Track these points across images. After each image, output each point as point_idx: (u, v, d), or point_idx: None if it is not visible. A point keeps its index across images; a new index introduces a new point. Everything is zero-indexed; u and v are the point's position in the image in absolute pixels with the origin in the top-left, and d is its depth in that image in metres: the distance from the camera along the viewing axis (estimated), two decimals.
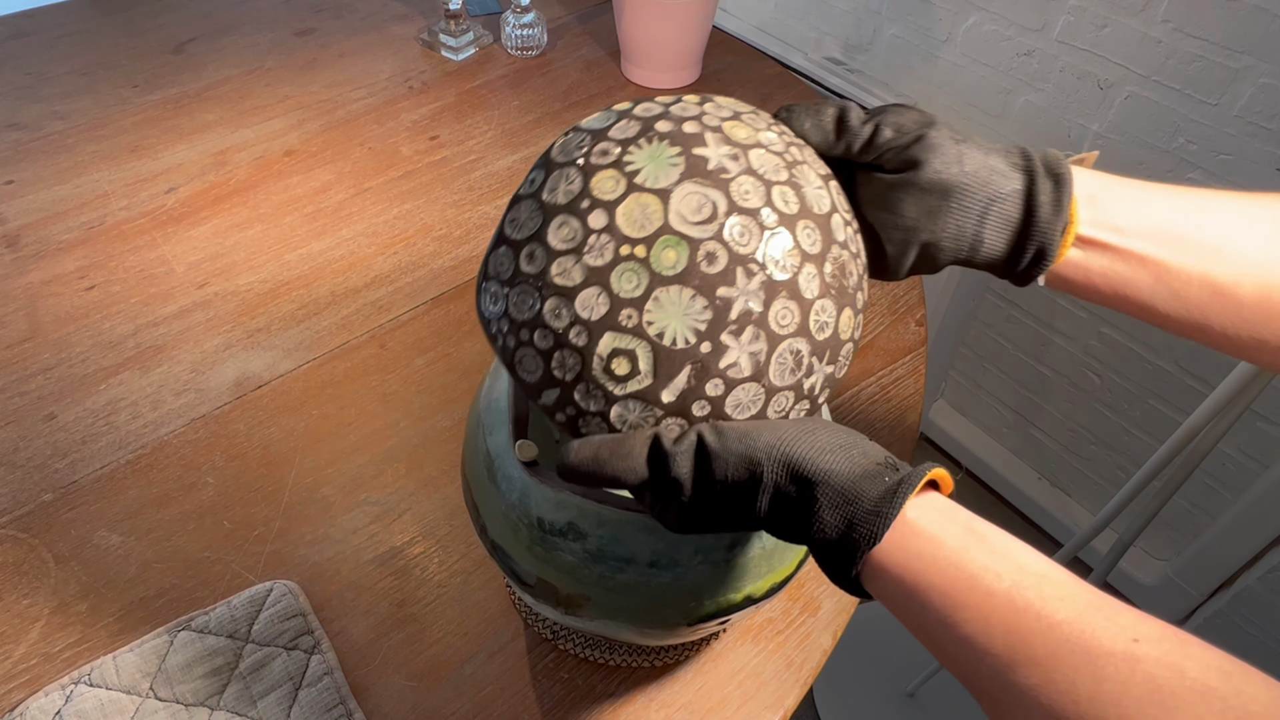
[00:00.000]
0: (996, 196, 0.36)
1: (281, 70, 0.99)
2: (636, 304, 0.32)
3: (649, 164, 0.33)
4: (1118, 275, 0.36)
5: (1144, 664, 0.24)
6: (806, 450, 0.31)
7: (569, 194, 0.33)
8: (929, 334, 0.75)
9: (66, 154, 0.86)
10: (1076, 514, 1.41)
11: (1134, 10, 0.97)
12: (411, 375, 0.68)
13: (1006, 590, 0.27)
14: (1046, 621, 0.26)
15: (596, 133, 0.35)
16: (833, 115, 0.37)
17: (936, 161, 0.36)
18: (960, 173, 0.36)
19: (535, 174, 0.35)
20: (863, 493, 0.30)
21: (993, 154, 0.36)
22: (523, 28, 1.02)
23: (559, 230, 0.33)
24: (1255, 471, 1.12)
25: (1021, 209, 0.36)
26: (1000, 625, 0.27)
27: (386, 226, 0.81)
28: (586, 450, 0.33)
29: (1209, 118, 0.97)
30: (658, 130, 0.34)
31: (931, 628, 0.29)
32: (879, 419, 0.67)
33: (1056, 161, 0.36)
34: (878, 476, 0.31)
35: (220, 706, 0.49)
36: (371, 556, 0.57)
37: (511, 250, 0.34)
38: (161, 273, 0.75)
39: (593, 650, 0.52)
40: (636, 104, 0.36)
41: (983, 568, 0.28)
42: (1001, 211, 0.36)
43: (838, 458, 0.31)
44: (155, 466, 0.61)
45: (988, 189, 0.36)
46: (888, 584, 0.30)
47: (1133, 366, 1.20)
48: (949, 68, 1.20)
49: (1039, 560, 0.29)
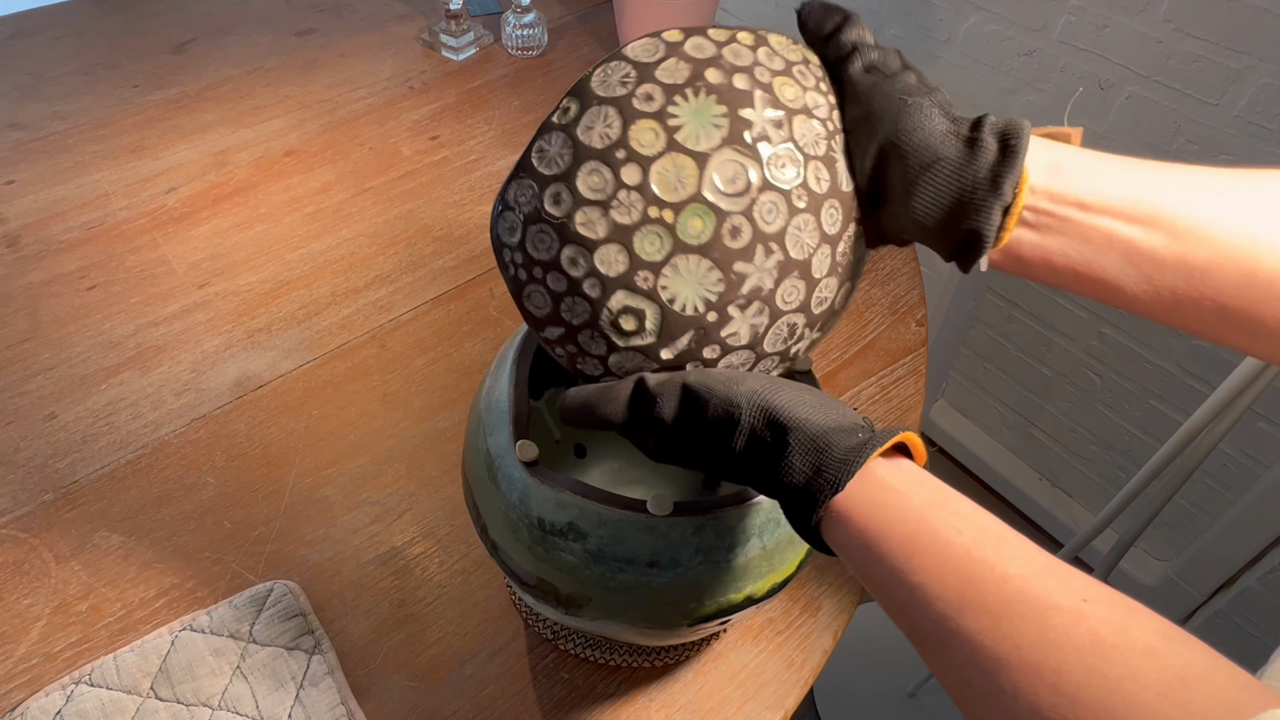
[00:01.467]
0: (930, 163, 0.33)
1: (282, 70, 0.99)
2: (654, 268, 0.32)
3: (692, 120, 0.32)
4: (1080, 256, 0.33)
5: (1089, 620, 0.25)
6: (785, 400, 0.32)
7: (605, 138, 0.32)
8: (929, 334, 0.75)
9: (67, 154, 0.86)
10: (1076, 514, 1.41)
11: (1134, 10, 0.97)
12: (411, 375, 0.68)
13: (965, 544, 0.28)
14: (1000, 573, 0.27)
15: (643, 68, 0.33)
16: (835, 23, 0.36)
17: (872, 113, 0.34)
18: (893, 130, 0.33)
19: (570, 102, 0.33)
20: (833, 443, 0.31)
21: (938, 116, 0.33)
22: (523, 28, 1.02)
23: (589, 177, 0.32)
24: (1255, 471, 1.12)
25: (956, 180, 0.32)
26: (954, 574, 0.28)
27: (387, 226, 0.81)
28: (579, 396, 0.35)
29: (1209, 118, 0.97)
30: (707, 81, 0.32)
31: (885, 575, 0.29)
32: (879, 419, 0.67)
33: (1016, 131, 0.32)
34: (850, 431, 0.31)
35: (221, 706, 0.49)
36: (372, 556, 0.57)
37: (536, 185, 0.33)
38: (162, 273, 0.75)
39: (593, 650, 0.52)
40: (688, 37, 0.33)
41: (944, 523, 0.29)
42: (931, 182, 0.33)
43: (814, 410, 0.32)
44: (155, 466, 0.61)
45: (922, 154, 0.33)
46: (849, 533, 0.30)
47: (1133, 366, 1.20)
48: (949, 68, 1.20)
49: (1001, 526, 0.29)
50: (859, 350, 0.73)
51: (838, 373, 0.71)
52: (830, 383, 0.70)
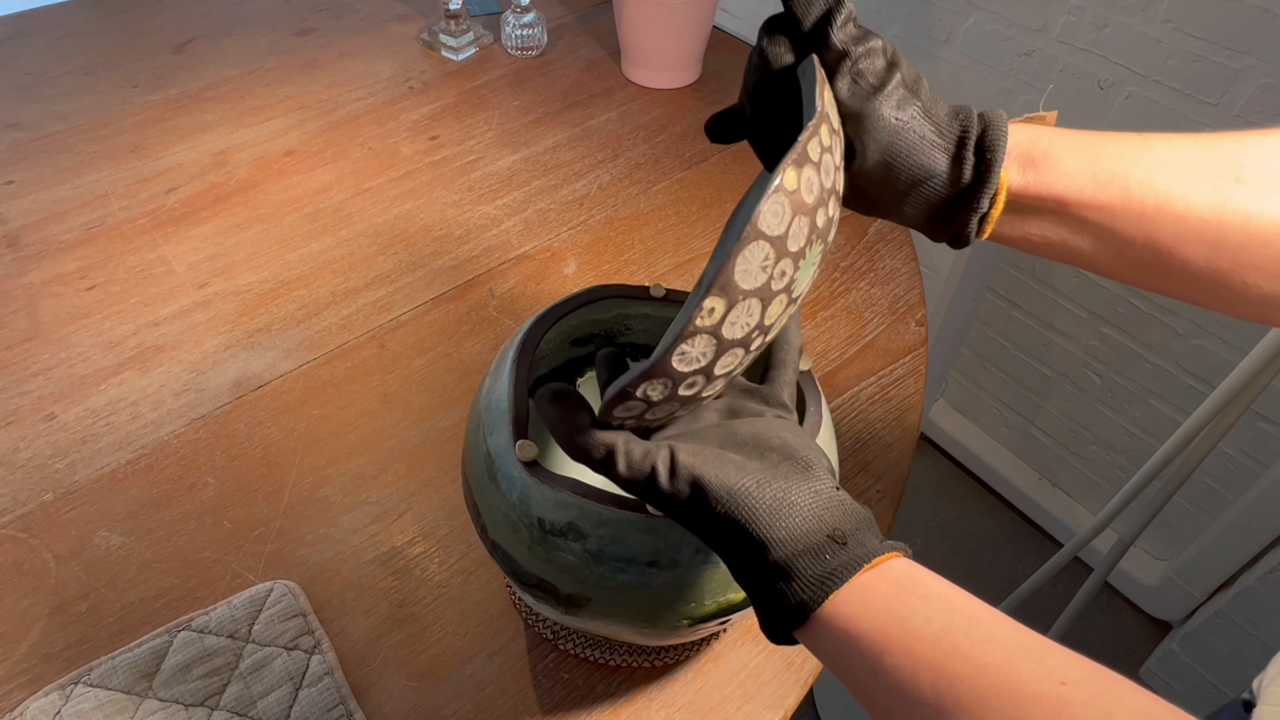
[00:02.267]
0: (921, 179, 0.35)
1: (282, 70, 0.99)
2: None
3: (805, 273, 0.32)
4: (1056, 236, 0.35)
5: (1071, 707, 0.24)
6: (750, 512, 0.31)
7: (745, 326, 0.32)
8: (929, 334, 0.75)
9: (67, 154, 0.86)
10: (1076, 514, 1.41)
11: (1134, 10, 0.97)
12: (411, 375, 0.68)
13: (935, 633, 0.27)
14: (974, 664, 0.26)
15: (777, 243, 0.31)
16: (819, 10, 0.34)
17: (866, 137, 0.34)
18: (889, 153, 0.35)
19: (714, 303, 0.31)
20: (797, 572, 0.30)
21: (929, 133, 0.35)
22: (523, 28, 1.02)
23: (725, 359, 0.32)
24: (1255, 471, 1.12)
25: (944, 192, 0.35)
26: (927, 669, 0.26)
27: (386, 226, 0.81)
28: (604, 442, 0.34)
29: (1209, 118, 0.97)
30: (817, 227, 0.32)
31: (860, 676, 0.28)
32: (879, 419, 0.67)
33: (994, 142, 0.34)
34: (819, 554, 0.30)
35: (220, 707, 0.49)
36: (372, 556, 0.57)
37: (673, 381, 0.33)
38: (162, 273, 0.75)
39: (593, 650, 0.52)
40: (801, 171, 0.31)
41: (913, 611, 0.28)
42: (924, 194, 0.35)
43: (782, 523, 0.30)
44: (155, 466, 0.61)
45: (913, 172, 0.35)
46: (819, 634, 0.30)
47: (1133, 366, 1.20)
48: (949, 68, 1.20)
49: (972, 603, 0.28)
50: (859, 350, 0.73)
51: (837, 372, 0.71)
52: (830, 383, 0.70)
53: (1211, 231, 0.33)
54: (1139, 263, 0.35)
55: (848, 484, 0.63)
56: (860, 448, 0.65)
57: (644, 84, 1.01)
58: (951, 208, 0.35)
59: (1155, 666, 1.28)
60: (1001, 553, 1.44)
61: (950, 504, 1.50)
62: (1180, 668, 1.24)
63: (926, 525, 1.47)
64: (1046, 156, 0.34)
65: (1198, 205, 0.33)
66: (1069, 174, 0.34)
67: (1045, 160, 0.34)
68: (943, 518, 1.48)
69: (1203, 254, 0.33)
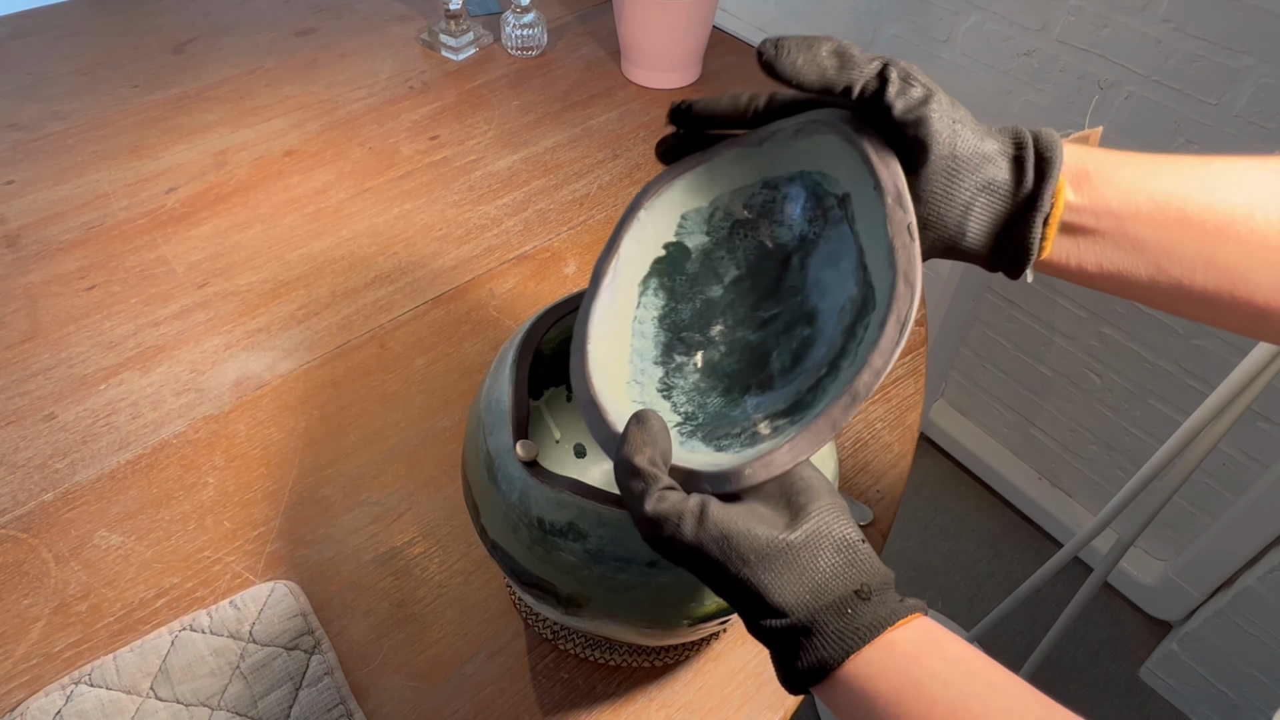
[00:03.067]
0: (984, 186, 0.33)
1: (282, 70, 0.99)
2: None
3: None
4: (1112, 263, 0.33)
5: None
6: (770, 580, 0.30)
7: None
8: (929, 334, 0.75)
9: (67, 154, 0.86)
10: (1076, 514, 1.41)
11: (1134, 10, 0.97)
12: (411, 375, 0.68)
13: (951, 700, 0.27)
14: None
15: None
16: (830, 50, 0.33)
17: (929, 141, 0.33)
18: (951, 157, 0.33)
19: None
20: (819, 625, 0.29)
21: (986, 138, 0.33)
22: (523, 28, 1.02)
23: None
24: (1255, 471, 1.12)
25: (1008, 201, 0.33)
26: None
27: (386, 226, 0.81)
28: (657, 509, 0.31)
29: (1209, 118, 0.97)
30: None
31: None
32: (879, 419, 0.67)
33: (1049, 144, 0.33)
34: (840, 609, 0.29)
35: (220, 706, 0.49)
36: (372, 556, 0.57)
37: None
38: (161, 273, 0.75)
39: (593, 650, 0.52)
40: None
41: (931, 675, 0.27)
42: (987, 203, 0.33)
43: (809, 582, 0.30)
44: (155, 466, 0.61)
45: (975, 177, 0.33)
46: (836, 689, 0.29)
47: (1133, 366, 1.20)
48: (949, 68, 1.20)
49: (992, 669, 0.28)
50: None
51: None
52: None
53: (1277, 259, 0.31)
54: (1200, 293, 0.32)
55: (847, 484, 0.63)
56: (860, 448, 0.65)
57: (644, 84, 1.01)
58: (1014, 218, 0.34)
59: (1155, 666, 1.28)
60: (1001, 553, 1.44)
61: (950, 504, 1.50)
62: (1180, 668, 1.24)
63: (926, 525, 1.47)
64: (1100, 171, 0.33)
65: (1263, 229, 0.31)
66: (1124, 190, 0.32)
67: (1099, 175, 0.33)
68: (943, 518, 1.48)
69: (1269, 282, 0.31)
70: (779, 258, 0.40)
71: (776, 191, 0.39)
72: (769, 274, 0.40)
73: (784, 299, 0.40)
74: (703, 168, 0.39)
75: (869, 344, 0.33)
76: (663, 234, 0.40)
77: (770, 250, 0.40)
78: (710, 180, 0.39)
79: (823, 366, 0.36)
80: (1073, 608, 0.99)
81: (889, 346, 0.32)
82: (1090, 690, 1.29)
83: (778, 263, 0.40)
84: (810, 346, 0.38)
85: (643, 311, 0.40)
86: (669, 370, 0.40)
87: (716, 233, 0.40)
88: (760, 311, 0.40)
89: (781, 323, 0.39)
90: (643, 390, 0.39)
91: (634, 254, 0.40)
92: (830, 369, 0.36)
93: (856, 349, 0.35)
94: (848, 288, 0.37)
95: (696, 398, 0.39)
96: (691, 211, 0.40)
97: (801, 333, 0.38)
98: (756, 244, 0.40)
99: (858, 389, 0.32)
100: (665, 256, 0.40)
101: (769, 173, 0.39)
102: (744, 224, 0.40)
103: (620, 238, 0.39)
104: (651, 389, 0.39)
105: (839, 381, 0.34)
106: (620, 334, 0.40)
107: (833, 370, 0.36)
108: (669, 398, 0.39)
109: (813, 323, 0.38)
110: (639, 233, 0.39)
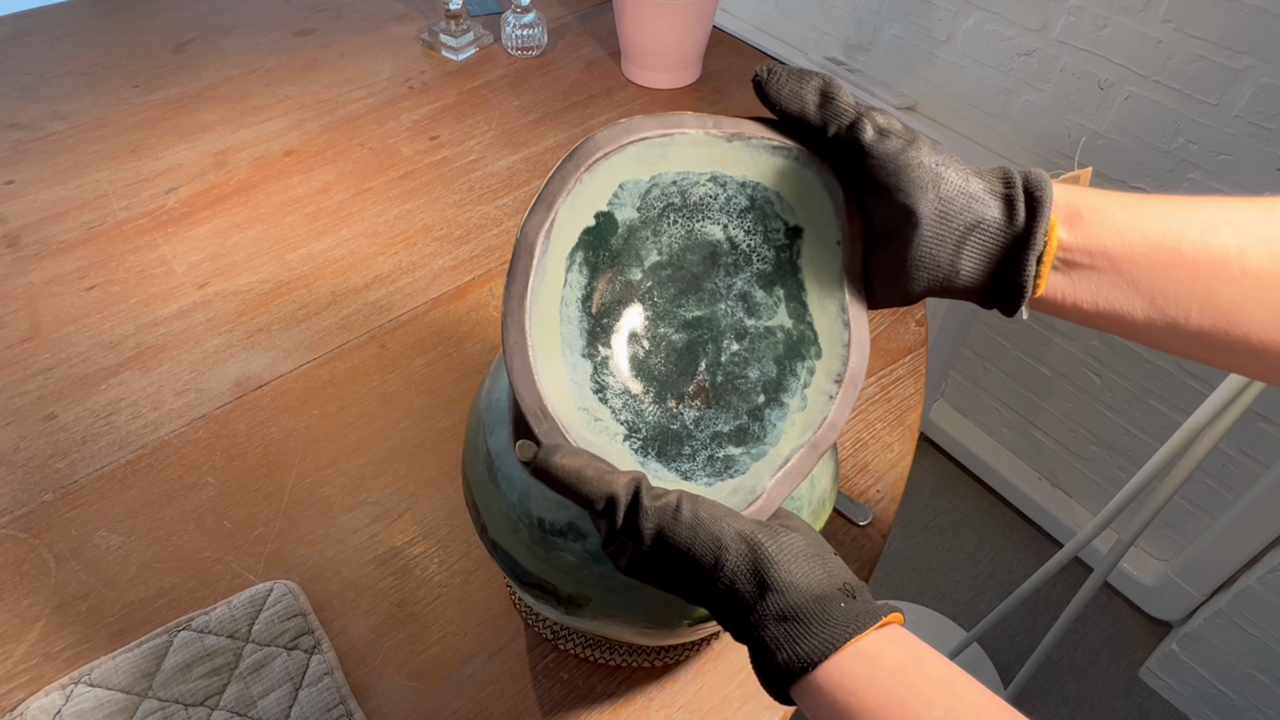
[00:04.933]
0: (974, 225, 0.33)
1: (282, 70, 0.99)
2: None
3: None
4: (1107, 301, 0.33)
5: None
6: (774, 552, 0.31)
7: None
8: (929, 334, 0.75)
9: (67, 154, 0.86)
10: (1076, 514, 1.41)
11: (1134, 10, 0.97)
12: (411, 375, 0.68)
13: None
14: None
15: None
16: (816, 87, 0.34)
17: (911, 184, 0.33)
18: (936, 199, 0.33)
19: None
20: (812, 615, 0.30)
21: (972, 178, 0.34)
22: (523, 28, 1.02)
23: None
24: (1255, 471, 1.12)
25: (1000, 239, 0.34)
26: None
27: (387, 226, 0.81)
28: (571, 462, 0.32)
29: (1209, 118, 0.97)
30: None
31: None
32: (879, 419, 0.67)
33: (1039, 183, 0.33)
34: (832, 601, 0.30)
35: (220, 706, 0.49)
36: (372, 556, 0.57)
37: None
38: (162, 273, 0.75)
39: (593, 650, 0.52)
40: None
41: (916, 694, 0.28)
42: (979, 242, 0.34)
43: (801, 568, 0.31)
44: (155, 466, 0.61)
45: (964, 216, 0.33)
46: (820, 700, 0.29)
47: (1133, 366, 1.20)
48: (949, 68, 1.20)
49: (975, 690, 0.28)
50: None
51: None
52: None
53: (1271, 298, 0.31)
54: (1196, 332, 0.33)
55: (848, 484, 0.63)
56: (860, 448, 0.65)
57: (644, 84, 1.01)
58: (1008, 256, 0.34)
59: (1155, 666, 1.28)
60: (1001, 553, 1.44)
61: (950, 504, 1.50)
62: (1180, 668, 1.24)
63: (926, 525, 1.47)
64: (1093, 211, 0.33)
65: (1255, 269, 0.31)
66: (1117, 229, 0.33)
67: (1092, 214, 0.33)
68: (943, 518, 1.48)
69: (1263, 321, 0.32)
70: (703, 254, 0.38)
71: (723, 190, 0.38)
72: (690, 268, 0.38)
73: (705, 300, 0.38)
74: (659, 140, 0.37)
75: (821, 395, 0.36)
76: (597, 201, 0.37)
77: (695, 244, 0.38)
78: (662, 155, 0.37)
79: (759, 391, 0.37)
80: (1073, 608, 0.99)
81: (845, 409, 0.36)
82: (1090, 690, 1.29)
83: (701, 259, 0.38)
84: (743, 366, 0.38)
85: (568, 291, 0.37)
86: (596, 366, 0.37)
87: (648, 211, 0.38)
88: (682, 309, 0.38)
89: (708, 330, 0.39)
90: (581, 392, 0.36)
91: (566, 220, 0.36)
92: (770, 400, 0.37)
93: (802, 391, 0.37)
94: (780, 316, 0.38)
95: (631, 403, 0.37)
96: (630, 182, 0.37)
97: (730, 347, 0.38)
98: (684, 233, 0.38)
99: (819, 443, 0.36)
100: (594, 227, 0.37)
101: (722, 170, 0.38)
102: (676, 210, 0.38)
103: (557, 201, 0.35)
104: (588, 390, 0.36)
105: (789, 421, 0.36)
106: (549, 319, 0.36)
107: (774, 403, 0.37)
108: (605, 401, 0.37)
109: (742, 339, 0.38)
110: (575, 198, 0.36)
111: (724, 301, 0.38)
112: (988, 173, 0.35)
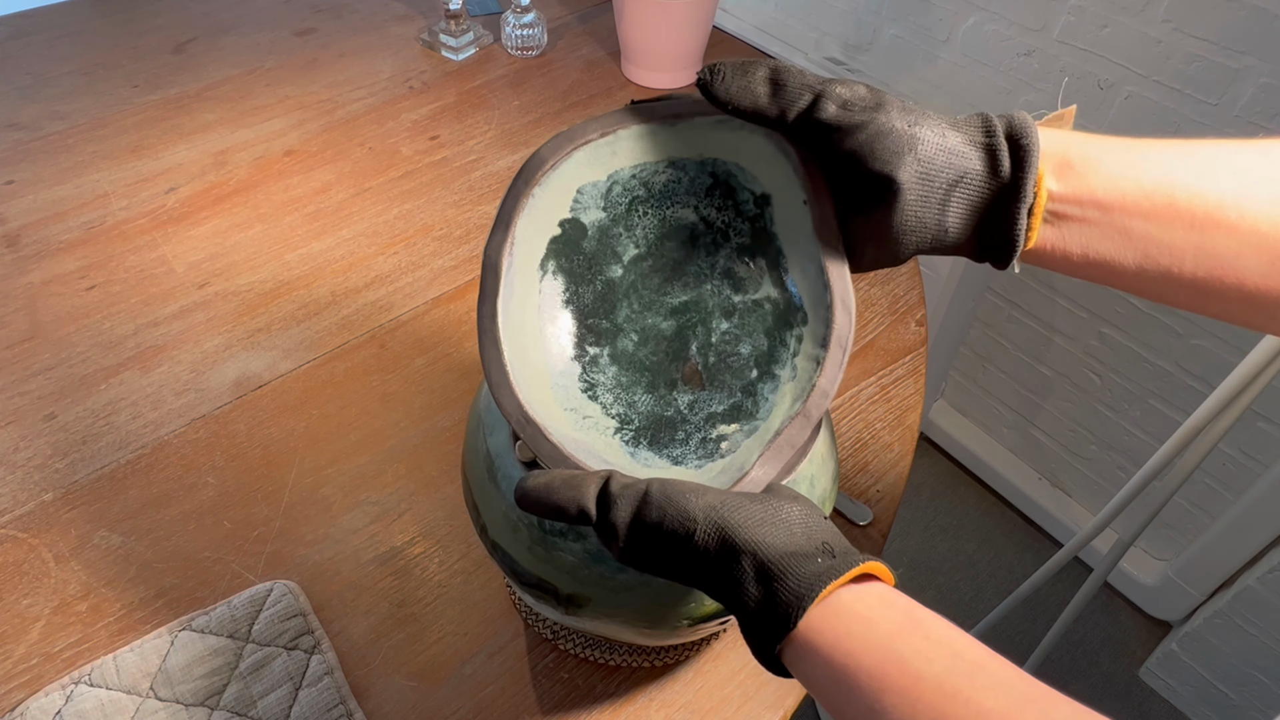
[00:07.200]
0: (956, 180, 0.32)
1: (282, 70, 0.99)
2: None
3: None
4: (1098, 252, 0.32)
5: None
6: (740, 519, 0.30)
7: None
8: (929, 334, 0.76)
9: (67, 154, 0.86)
10: (1076, 514, 1.41)
11: (1134, 10, 0.97)
12: (411, 375, 0.68)
13: (936, 675, 0.26)
14: (975, 708, 0.25)
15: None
16: (764, 77, 0.33)
17: (886, 151, 0.32)
18: (915, 161, 0.32)
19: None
20: (789, 570, 0.29)
21: (949, 132, 0.32)
22: (523, 28, 1.02)
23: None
24: (1255, 471, 1.12)
25: (985, 191, 0.32)
26: (927, 710, 0.26)
27: (386, 226, 0.81)
28: (539, 481, 0.33)
29: (1209, 118, 0.97)
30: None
31: (857, 713, 0.27)
32: (879, 419, 0.67)
33: (1023, 129, 0.32)
34: (810, 556, 0.29)
35: (220, 706, 0.49)
36: (371, 556, 0.57)
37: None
38: (161, 273, 0.75)
39: (593, 650, 0.52)
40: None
41: (915, 651, 0.27)
42: (963, 196, 0.32)
43: (771, 530, 0.30)
44: (155, 466, 0.61)
45: (946, 174, 0.32)
46: (815, 664, 0.29)
47: (1133, 366, 1.20)
48: (949, 68, 1.20)
49: (976, 649, 0.28)
50: (859, 350, 0.73)
51: None
52: None
53: (1269, 244, 0.30)
54: (1190, 281, 0.32)
55: (848, 484, 0.63)
56: (860, 448, 0.65)
57: (644, 84, 1.01)
58: (995, 208, 0.33)
59: (1155, 666, 1.28)
60: (1001, 553, 1.44)
61: (950, 504, 1.50)
62: (1180, 668, 1.24)
63: (926, 525, 1.47)
64: (1084, 160, 0.32)
65: (1253, 214, 0.30)
66: (1110, 178, 0.32)
67: (1083, 163, 0.32)
68: (943, 518, 1.48)
69: (1259, 268, 0.31)
70: (681, 238, 0.39)
71: (683, 173, 0.38)
72: (670, 254, 0.39)
73: (691, 283, 0.38)
74: (604, 141, 0.37)
75: (809, 360, 0.35)
76: (558, 210, 0.37)
77: (671, 230, 0.38)
78: (611, 154, 0.37)
79: (751, 366, 0.37)
80: (1073, 608, 0.99)
81: (834, 371, 0.34)
82: (1090, 690, 1.29)
83: (680, 244, 0.39)
84: (734, 343, 0.38)
85: (546, 299, 0.38)
86: (585, 365, 0.38)
87: (614, 209, 0.38)
88: (668, 297, 0.39)
89: (697, 312, 0.38)
90: (568, 394, 0.37)
91: (529, 235, 0.37)
92: (762, 373, 0.36)
93: (792, 360, 0.36)
94: (765, 287, 0.38)
95: (623, 396, 0.38)
96: (588, 185, 0.37)
97: (720, 326, 0.38)
98: (657, 222, 0.38)
99: (810, 411, 0.34)
100: (561, 235, 0.38)
101: (676, 154, 0.38)
102: (643, 201, 0.38)
103: (514, 220, 0.36)
104: (575, 391, 0.37)
105: (780, 393, 0.35)
106: (529, 329, 0.37)
107: (766, 375, 0.36)
108: (595, 398, 0.37)
109: (731, 317, 0.38)
110: (532, 213, 0.36)
111: (709, 281, 0.38)
112: (965, 121, 0.33)
